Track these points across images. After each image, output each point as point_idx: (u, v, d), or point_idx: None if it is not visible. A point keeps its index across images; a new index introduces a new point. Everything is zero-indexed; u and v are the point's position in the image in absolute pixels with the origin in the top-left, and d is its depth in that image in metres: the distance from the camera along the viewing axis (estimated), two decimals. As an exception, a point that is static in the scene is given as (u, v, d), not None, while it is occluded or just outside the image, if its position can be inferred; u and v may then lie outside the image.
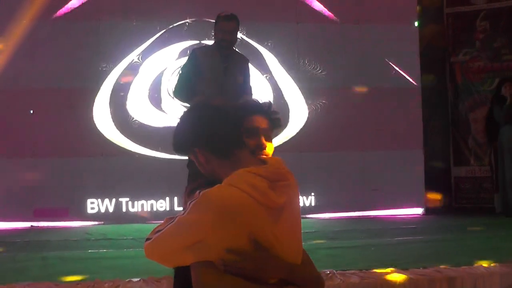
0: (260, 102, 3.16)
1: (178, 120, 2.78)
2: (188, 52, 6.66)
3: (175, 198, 9.64)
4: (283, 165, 2.70)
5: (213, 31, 6.82)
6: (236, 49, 6.89)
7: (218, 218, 2.46)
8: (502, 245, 6.69)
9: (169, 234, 2.57)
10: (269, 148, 3.19)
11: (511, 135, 9.72)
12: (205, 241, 2.48)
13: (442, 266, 5.19)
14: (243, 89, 6.44)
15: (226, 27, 6.39)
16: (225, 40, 6.38)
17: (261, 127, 3.08)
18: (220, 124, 2.67)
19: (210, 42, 8.18)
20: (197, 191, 2.59)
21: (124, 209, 9.94)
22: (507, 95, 9.74)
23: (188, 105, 6.41)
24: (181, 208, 3.08)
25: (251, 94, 6.56)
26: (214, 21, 6.64)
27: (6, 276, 5.11)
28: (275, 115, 3.19)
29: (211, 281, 2.52)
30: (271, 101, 3.24)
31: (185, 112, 2.81)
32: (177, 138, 2.73)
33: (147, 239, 2.66)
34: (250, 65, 6.85)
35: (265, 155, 3.11)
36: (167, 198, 9.86)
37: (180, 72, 6.52)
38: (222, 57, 6.41)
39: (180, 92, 6.46)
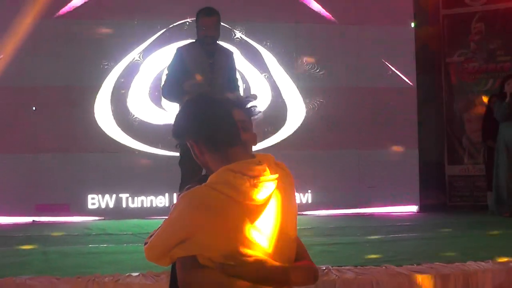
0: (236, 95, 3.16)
1: (179, 110, 2.86)
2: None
3: (174, 194, 9.62)
4: (273, 161, 2.72)
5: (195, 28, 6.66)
6: (220, 43, 6.78)
7: (192, 218, 2.54)
8: (495, 243, 6.70)
9: (159, 237, 2.66)
10: (253, 140, 3.20)
11: (505, 135, 9.68)
12: (192, 239, 2.54)
13: (435, 263, 5.19)
14: (230, 83, 6.39)
15: (207, 22, 6.27)
16: (208, 36, 6.28)
17: (240, 119, 3.00)
18: (214, 118, 2.70)
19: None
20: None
21: (124, 205, 9.94)
22: (509, 91, 9.65)
23: (177, 104, 6.40)
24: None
25: (238, 88, 6.53)
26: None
27: (8, 270, 5.12)
28: (250, 104, 3.17)
29: (193, 274, 2.60)
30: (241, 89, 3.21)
31: (184, 103, 2.88)
32: (174, 128, 2.79)
33: (145, 243, 2.73)
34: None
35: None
36: (167, 194, 9.86)
37: (167, 72, 6.45)
38: (207, 53, 6.31)
39: (169, 92, 6.38)
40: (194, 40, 6.52)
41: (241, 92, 6.51)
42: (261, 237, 2.60)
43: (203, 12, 6.35)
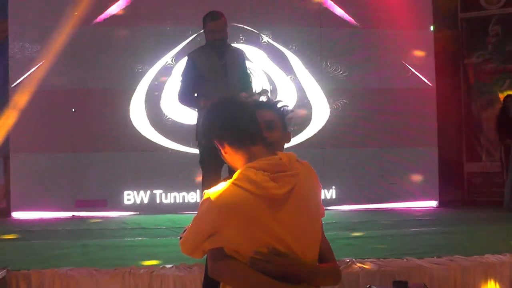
0: (266, 97, 3.16)
1: (206, 111, 2.88)
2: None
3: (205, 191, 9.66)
4: (293, 158, 2.72)
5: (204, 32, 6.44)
6: (230, 44, 6.63)
7: (219, 213, 2.57)
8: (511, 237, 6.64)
9: (189, 233, 2.71)
10: (286, 138, 3.21)
11: None
12: (219, 233, 2.59)
13: (455, 256, 5.17)
14: (243, 82, 6.25)
15: (214, 27, 6.10)
16: (217, 39, 6.13)
17: (266, 119, 3.04)
18: (235, 120, 2.73)
19: (237, 45, 8.18)
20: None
21: (158, 201, 10.00)
22: None
23: (194, 109, 6.34)
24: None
25: (250, 85, 6.40)
26: (241, 25, 6.57)
27: (50, 262, 5.16)
28: (280, 104, 3.18)
29: (221, 264, 2.62)
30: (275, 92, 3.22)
31: (210, 106, 2.88)
32: (202, 130, 2.86)
33: (180, 238, 2.79)
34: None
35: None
36: (198, 190, 9.87)
37: (181, 79, 6.39)
38: (218, 55, 6.15)
39: (183, 99, 6.31)
40: (203, 45, 6.43)
41: (254, 88, 6.41)
42: (285, 231, 2.61)
43: (209, 17, 6.24)
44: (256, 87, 8.34)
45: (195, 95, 6.13)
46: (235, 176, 2.63)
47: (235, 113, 2.76)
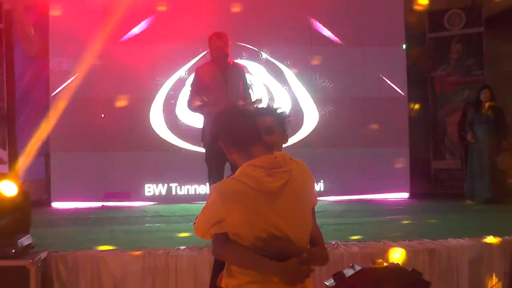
0: (267, 104, 3.16)
1: (213, 120, 2.91)
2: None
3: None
4: (287, 156, 2.75)
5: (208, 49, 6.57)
6: (234, 61, 6.64)
7: (223, 203, 2.62)
8: (470, 224, 6.62)
9: (200, 220, 2.75)
10: (284, 139, 3.19)
11: (479, 136, 9.45)
12: (225, 220, 2.63)
13: (423, 239, 5.15)
14: (243, 94, 6.21)
15: (219, 44, 6.15)
16: (220, 56, 6.15)
17: (266, 125, 3.03)
18: (236, 125, 2.76)
19: (240, 61, 8.14)
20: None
21: (173, 192, 9.97)
22: (484, 100, 9.45)
23: (200, 115, 6.32)
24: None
25: (250, 97, 6.34)
26: (244, 44, 6.54)
27: (83, 245, 5.16)
28: (280, 112, 3.17)
29: (224, 246, 2.66)
30: (272, 101, 3.22)
31: (216, 114, 2.90)
32: (210, 134, 2.93)
33: (194, 223, 2.82)
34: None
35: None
36: (207, 184, 9.82)
37: (190, 89, 6.36)
38: (220, 70, 6.16)
39: (191, 105, 6.32)
40: (209, 60, 6.41)
41: (252, 98, 6.37)
42: (280, 219, 2.63)
43: (215, 36, 6.23)
44: (256, 96, 8.39)
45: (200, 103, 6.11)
46: (237, 172, 2.67)
47: (237, 120, 2.77)
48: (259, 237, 2.59)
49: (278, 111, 3.15)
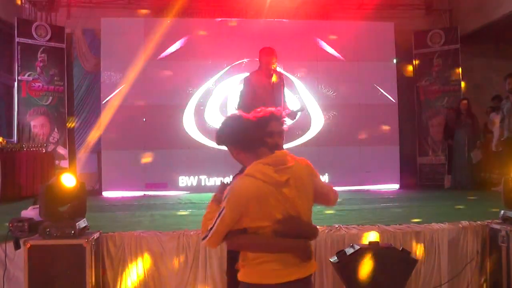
0: (275, 111, 3.08)
1: (221, 124, 2.84)
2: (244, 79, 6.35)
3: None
4: (287, 154, 2.73)
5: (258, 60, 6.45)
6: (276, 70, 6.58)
7: (242, 201, 2.55)
8: (450, 210, 6.55)
9: (220, 226, 2.59)
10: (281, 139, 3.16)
11: (460, 137, 9.86)
12: (244, 216, 2.57)
13: (411, 224, 5.11)
14: (284, 99, 6.10)
15: (269, 58, 5.95)
16: (270, 68, 5.96)
17: (276, 130, 3.00)
18: (246, 129, 2.73)
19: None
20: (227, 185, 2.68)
21: (203, 183, 9.99)
22: (462, 109, 9.87)
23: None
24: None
25: (286, 102, 6.19)
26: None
27: (128, 227, 5.17)
28: (286, 118, 3.17)
29: (244, 237, 2.60)
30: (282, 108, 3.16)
31: (225, 119, 2.86)
32: (218, 137, 2.82)
33: (204, 238, 2.64)
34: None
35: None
36: (231, 175, 9.83)
37: (240, 94, 6.31)
38: (267, 77, 5.99)
39: (242, 107, 6.24)
40: (257, 69, 6.28)
41: (288, 102, 6.27)
42: (288, 203, 2.61)
43: (266, 51, 6.06)
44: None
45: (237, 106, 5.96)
46: (248, 170, 2.62)
47: (239, 124, 2.76)
48: (279, 220, 2.56)
49: (278, 117, 3.09)
